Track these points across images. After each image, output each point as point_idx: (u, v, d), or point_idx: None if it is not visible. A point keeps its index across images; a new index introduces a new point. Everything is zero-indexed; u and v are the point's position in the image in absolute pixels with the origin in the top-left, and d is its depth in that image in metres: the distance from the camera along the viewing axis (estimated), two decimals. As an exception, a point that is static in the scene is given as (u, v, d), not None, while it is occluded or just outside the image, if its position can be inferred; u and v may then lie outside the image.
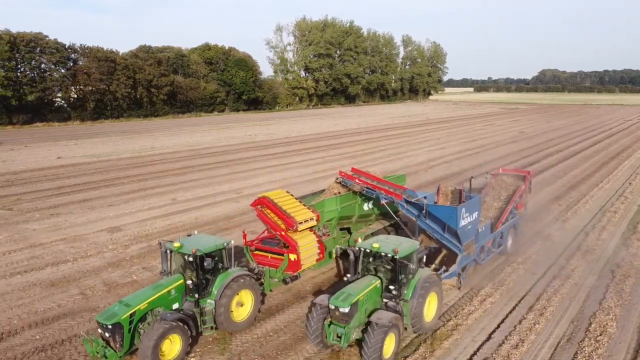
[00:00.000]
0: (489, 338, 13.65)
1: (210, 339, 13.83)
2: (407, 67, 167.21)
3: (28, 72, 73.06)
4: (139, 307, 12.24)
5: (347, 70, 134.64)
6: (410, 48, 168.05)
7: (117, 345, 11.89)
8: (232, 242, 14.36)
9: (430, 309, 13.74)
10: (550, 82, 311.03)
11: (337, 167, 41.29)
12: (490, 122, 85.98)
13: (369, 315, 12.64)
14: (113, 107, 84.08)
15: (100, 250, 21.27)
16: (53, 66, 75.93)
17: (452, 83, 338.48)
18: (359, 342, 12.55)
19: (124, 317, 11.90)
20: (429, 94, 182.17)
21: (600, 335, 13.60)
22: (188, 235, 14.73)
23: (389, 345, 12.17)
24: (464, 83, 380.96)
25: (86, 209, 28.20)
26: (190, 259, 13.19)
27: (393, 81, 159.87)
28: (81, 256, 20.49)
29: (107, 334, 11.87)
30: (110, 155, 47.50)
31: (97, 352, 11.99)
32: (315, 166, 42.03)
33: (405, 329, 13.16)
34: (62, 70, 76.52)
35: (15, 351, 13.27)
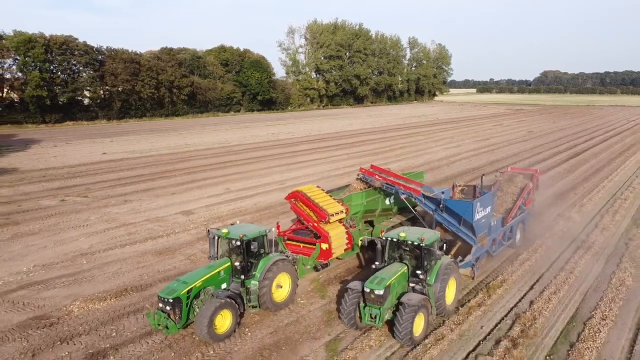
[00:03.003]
0: (531, 288, 17.26)
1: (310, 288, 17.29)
2: (413, 68, 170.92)
3: (60, 74, 76.71)
4: (195, 284, 13.80)
5: (356, 72, 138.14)
6: (416, 50, 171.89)
7: (177, 318, 13.45)
8: (273, 229, 15.91)
9: (450, 293, 15.08)
10: (552, 83, 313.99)
11: (363, 162, 44.89)
12: (498, 122, 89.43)
13: (399, 298, 13.73)
14: (137, 106, 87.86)
15: (184, 228, 24.76)
16: (82, 67, 79.57)
17: (454, 84, 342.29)
18: (390, 322, 13.78)
19: (182, 292, 13.47)
20: (434, 95, 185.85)
21: (620, 286, 17.18)
22: (231, 225, 16.10)
23: (419, 323, 13.29)
24: (465, 84, 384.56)
25: (152, 197, 31.65)
26: (238, 243, 14.77)
27: (400, 82, 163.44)
28: (171, 232, 23.98)
29: (167, 307, 13.43)
30: (151, 151, 50.99)
31: (159, 324, 13.59)
32: (342, 162, 45.45)
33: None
34: (91, 72, 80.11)
35: (160, 296, 16.71)
